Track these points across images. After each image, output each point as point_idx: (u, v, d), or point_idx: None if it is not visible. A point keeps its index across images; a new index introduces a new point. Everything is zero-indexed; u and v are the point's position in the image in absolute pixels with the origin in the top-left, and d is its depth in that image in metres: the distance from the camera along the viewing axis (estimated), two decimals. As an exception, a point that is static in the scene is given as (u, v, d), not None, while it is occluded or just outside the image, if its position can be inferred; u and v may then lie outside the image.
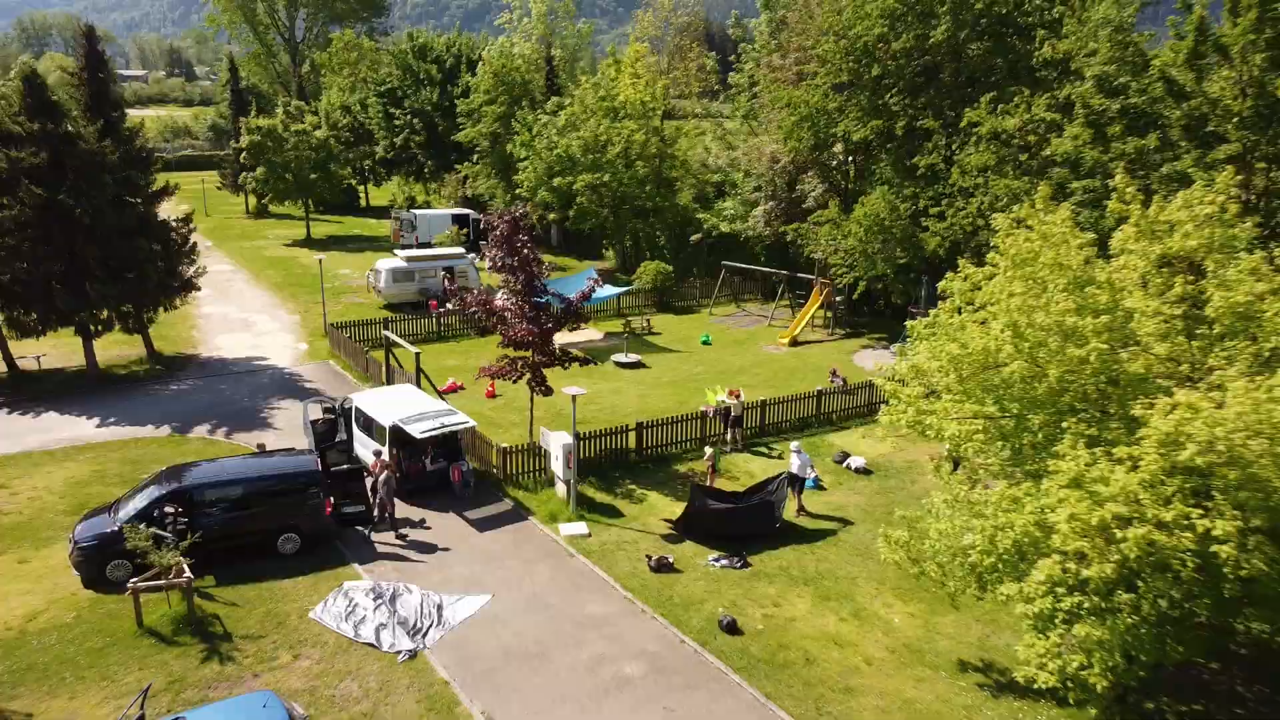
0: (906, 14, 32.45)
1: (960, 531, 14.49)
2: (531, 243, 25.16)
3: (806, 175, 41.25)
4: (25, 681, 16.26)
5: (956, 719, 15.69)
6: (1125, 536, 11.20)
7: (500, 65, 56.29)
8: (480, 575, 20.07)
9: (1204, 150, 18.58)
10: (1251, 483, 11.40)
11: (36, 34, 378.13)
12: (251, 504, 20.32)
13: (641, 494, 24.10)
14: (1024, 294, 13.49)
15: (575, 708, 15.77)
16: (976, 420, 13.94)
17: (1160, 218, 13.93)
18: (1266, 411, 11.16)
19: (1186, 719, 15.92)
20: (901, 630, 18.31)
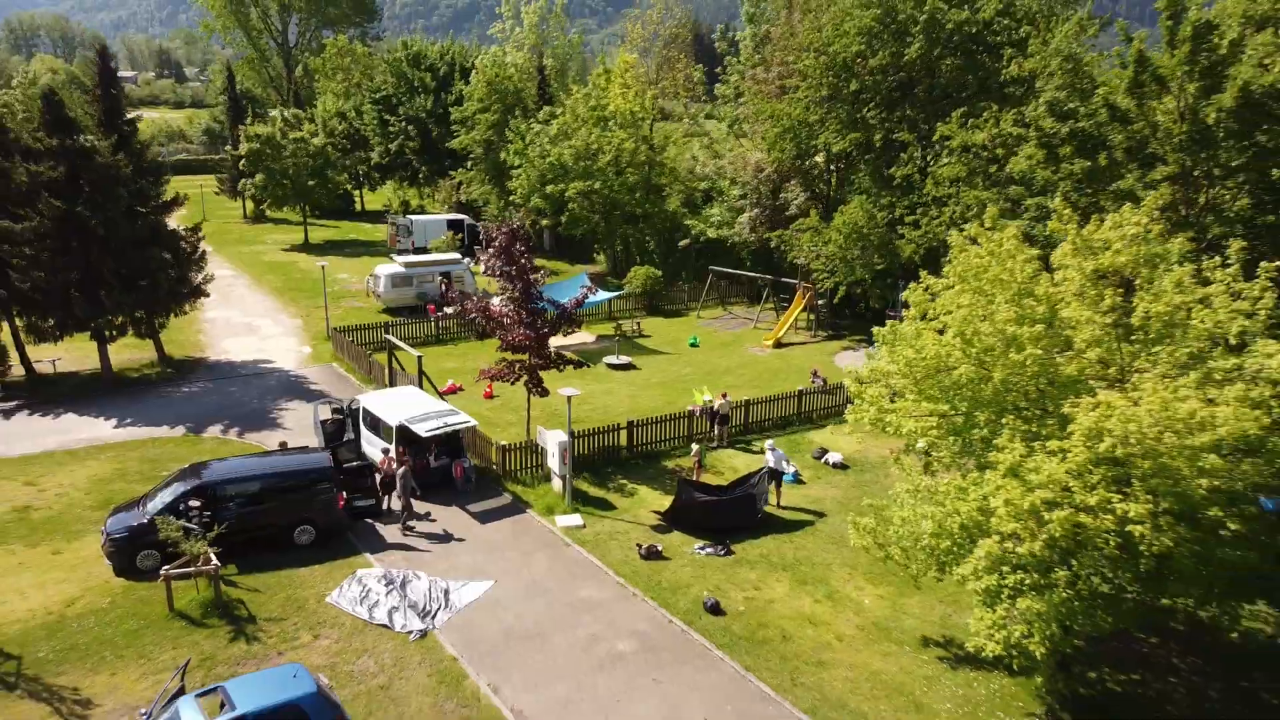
0: (882, 32, 34.20)
1: (919, 519, 16.16)
2: (529, 253, 26.77)
3: (790, 184, 43.00)
4: (69, 660, 17.78)
5: (917, 688, 17.37)
6: (1051, 518, 12.89)
7: (493, 74, 57.83)
8: (483, 563, 21.67)
9: (1145, 170, 20.31)
10: (1162, 471, 13.09)
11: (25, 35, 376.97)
12: (269, 498, 21.86)
13: (632, 488, 25.74)
14: (970, 305, 15.20)
15: (572, 681, 17.38)
16: (930, 418, 15.62)
17: (1094, 237, 15.64)
18: (1174, 409, 12.85)
19: (1125, 686, 17.64)
20: (871, 610, 20.00)
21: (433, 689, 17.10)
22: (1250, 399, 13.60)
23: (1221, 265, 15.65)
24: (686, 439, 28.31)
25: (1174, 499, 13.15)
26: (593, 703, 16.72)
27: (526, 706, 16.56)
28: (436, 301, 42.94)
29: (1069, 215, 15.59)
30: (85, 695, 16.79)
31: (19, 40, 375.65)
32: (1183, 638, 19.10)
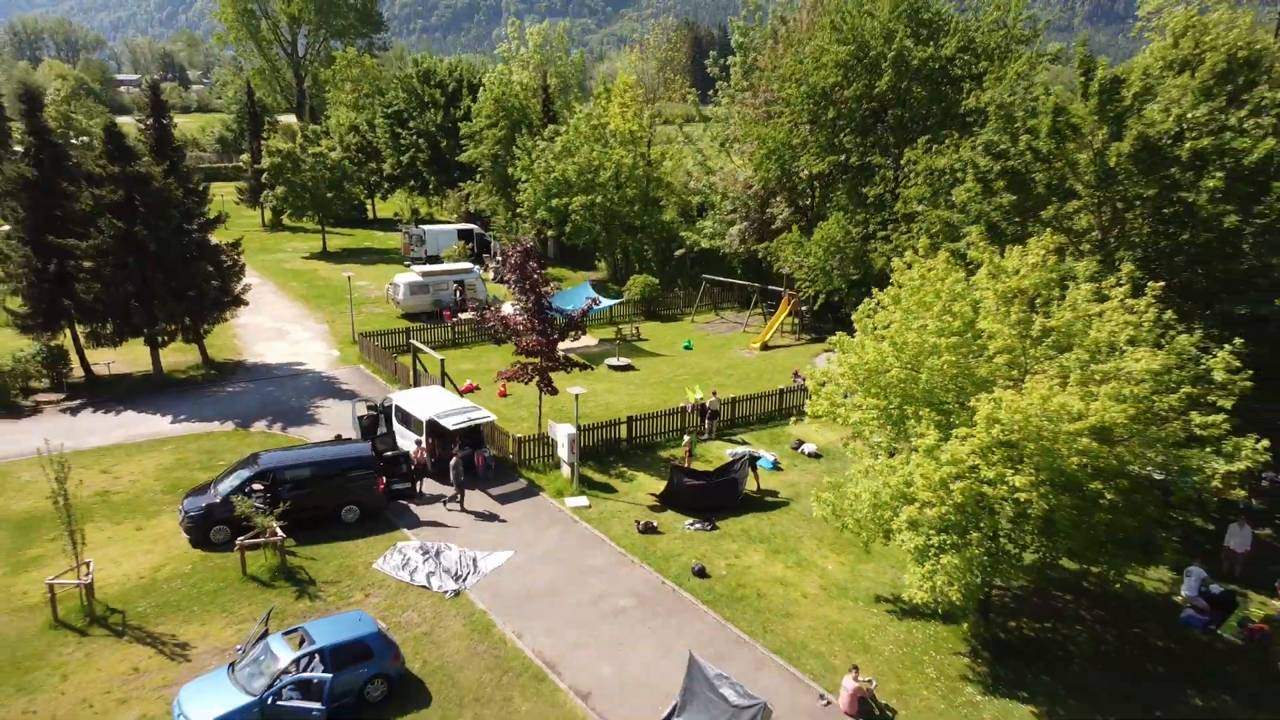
0: (856, 66, 37.85)
1: (864, 493, 19.86)
2: (540, 269, 30.47)
3: (775, 199, 46.69)
4: (164, 614, 21.47)
5: (867, 634, 21.08)
6: (955, 488, 16.58)
7: (500, 92, 61.50)
8: (504, 537, 25.38)
9: (1063, 203, 23.94)
10: (1044, 452, 16.75)
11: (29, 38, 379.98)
12: (321, 482, 25.55)
13: (631, 474, 29.46)
14: (902, 320, 18.89)
15: (582, 629, 21.07)
16: (871, 410, 19.32)
17: (1004, 264, 19.35)
18: (1051, 403, 16.51)
19: (1038, 633, 21.35)
20: (833, 574, 23.72)
21: (467, 635, 20.80)
22: (1120, 395, 17.28)
23: (1117, 284, 19.37)
24: (679, 432, 32.02)
25: (1052, 473, 16.82)
26: (599, 645, 20.42)
27: (545, 648, 20.27)
28: (452, 308, 46.65)
29: (984, 245, 19.30)
30: (182, 640, 20.47)
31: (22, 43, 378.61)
32: (1092, 595, 22.82)
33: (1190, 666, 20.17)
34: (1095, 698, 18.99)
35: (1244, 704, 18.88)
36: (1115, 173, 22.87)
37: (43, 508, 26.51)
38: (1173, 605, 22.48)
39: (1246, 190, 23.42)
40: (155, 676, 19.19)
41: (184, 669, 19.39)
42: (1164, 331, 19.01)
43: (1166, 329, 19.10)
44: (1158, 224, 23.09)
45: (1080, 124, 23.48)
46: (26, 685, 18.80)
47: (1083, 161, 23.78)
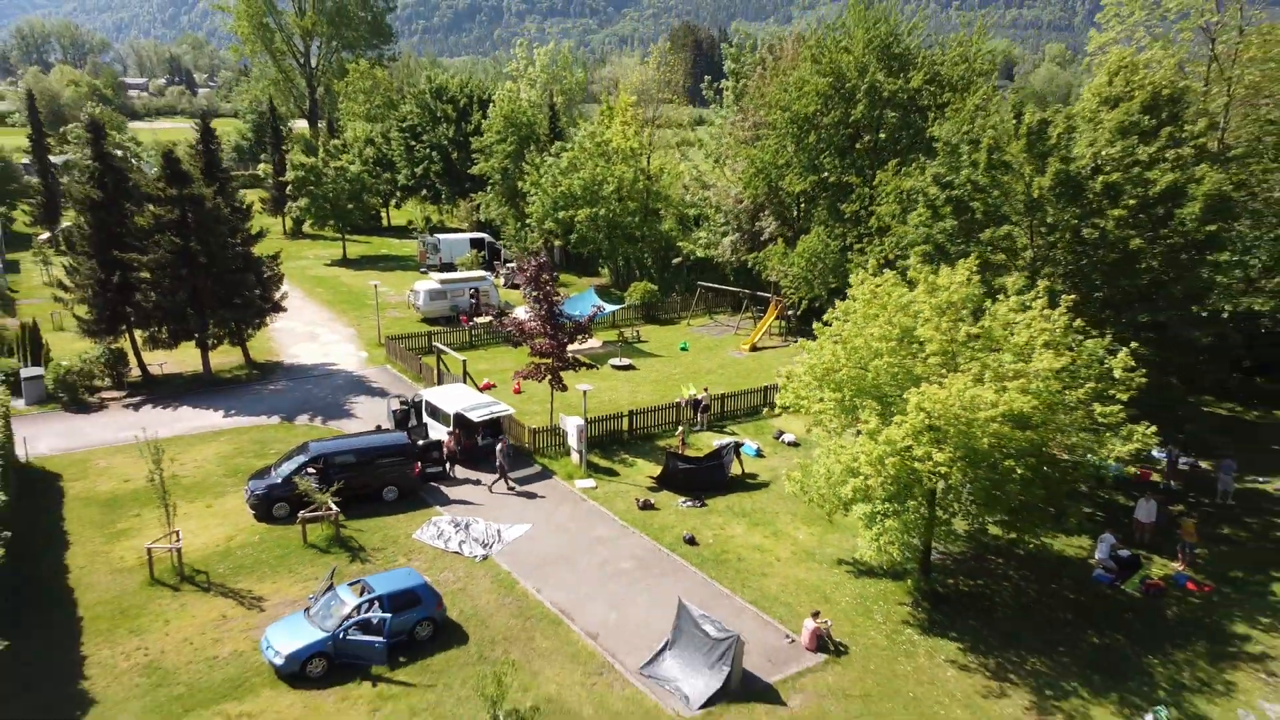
0: (834, 95, 41.97)
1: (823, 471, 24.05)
2: (553, 280, 34.67)
3: (764, 214, 50.85)
4: (240, 574, 25.68)
5: (828, 589, 25.28)
6: (888, 464, 20.76)
7: (509, 109, 65.72)
8: (522, 513, 29.58)
9: (997, 227, 28.07)
10: (960, 434, 20.90)
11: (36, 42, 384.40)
12: (365, 466, 29.79)
13: (632, 460, 33.69)
14: (854, 327, 23.09)
15: (590, 586, 25.26)
16: (828, 401, 23.52)
17: (939, 282, 23.55)
18: (966, 395, 20.66)
19: (970, 588, 25.55)
20: (803, 542, 27.92)
21: (495, 590, 25.01)
22: (1028, 389, 21.43)
23: (1036, 297, 23.58)
24: (674, 424, 36.22)
25: (968, 451, 20.98)
26: (605, 598, 24.61)
27: (560, 600, 24.48)
28: (468, 312, 50.86)
29: (919, 266, 23.51)
30: (258, 594, 24.69)
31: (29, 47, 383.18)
32: (1020, 558, 27.01)
33: (1094, 614, 24.37)
34: (1010, 636, 23.20)
35: (1131, 642, 23.06)
36: (1040, 202, 27.05)
37: (123, 489, 30.85)
38: (1087, 566, 26.69)
39: (1155, 215, 27.62)
40: (240, 622, 23.42)
41: (262, 616, 23.61)
42: (1075, 336, 23.27)
43: (1077, 334, 23.35)
44: (1076, 245, 27.27)
45: (1011, 160, 27.67)
46: (136, 629, 23.02)
47: (1015, 191, 27.96)
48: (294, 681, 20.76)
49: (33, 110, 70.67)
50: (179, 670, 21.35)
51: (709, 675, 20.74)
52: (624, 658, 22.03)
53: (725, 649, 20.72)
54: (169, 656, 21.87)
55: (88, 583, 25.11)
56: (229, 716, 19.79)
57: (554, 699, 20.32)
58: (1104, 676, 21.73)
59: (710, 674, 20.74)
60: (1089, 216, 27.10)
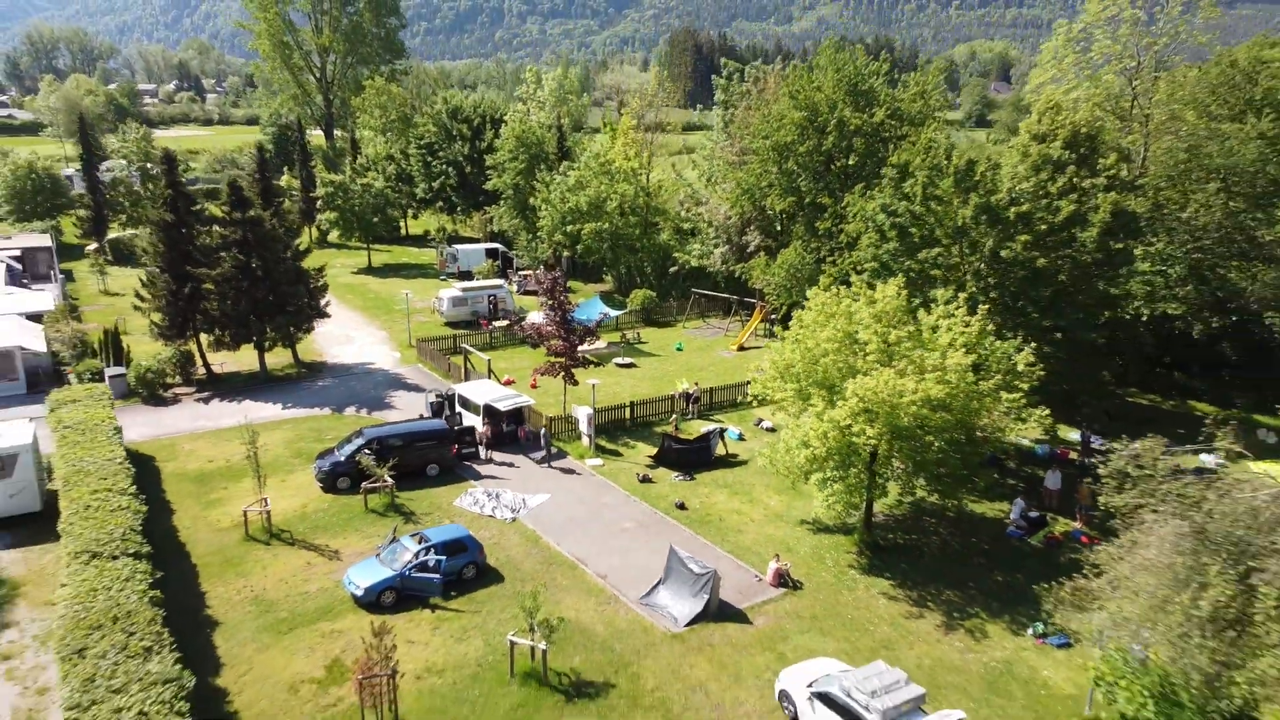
0: (809, 127, 48.06)
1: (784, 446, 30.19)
2: (565, 290, 40.80)
3: (750, 229, 57.02)
4: (316, 532, 31.84)
5: (791, 542, 31.39)
6: (831, 438, 26.88)
7: (520, 130, 71.92)
8: (542, 486, 35.72)
9: (931, 248, 34.16)
10: (887, 414, 26.98)
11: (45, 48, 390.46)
12: (411, 448, 35.92)
13: (633, 443, 39.85)
14: (808, 332, 29.25)
15: (600, 541, 31.36)
16: (788, 390, 29.64)
17: (875, 296, 29.69)
18: (890, 384, 26.74)
19: (905, 541, 31.67)
20: (773, 507, 34.06)
21: (523, 544, 31.16)
22: (941, 380, 27.53)
23: (958, 306, 29.71)
24: (669, 413, 42.35)
25: (892, 428, 27.09)
26: (612, 551, 30.74)
27: (575, 550, 30.61)
28: (487, 317, 57.02)
29: (859, 284, 29.68)
30: (334, 547, 30.84)
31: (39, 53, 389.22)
32: (949, 519, 33.15)
33: (1003, 560, 30.53)
34: (932, 575, 29.36)
35: (1027, 580, 29.10)
36: (965, 229, 33.20)
37: (209, 468, 37.06)
38: (1003, 525, 32.82)
39: (1061, 238, 33.78)
40: (322, 568, 29.59)
41: (338, 563, 29.77)
42: (990, 338, 29.48)
43: (991, 336, 29.56)
44: (995, 263, 33.43)
45: (943, 195, 33.83)
46: (240, 572, 29.20)
47: (945, 219, 34.13)
48: (370, 608, 26.91)
49: (84, 131, 76.84)
50: (280, 601, 27.53)
51: (693, 601, 26.90)
52: (626, 591, 28.20)
53: (705, 582, 26.87)
54: (270, 592, 28.05)
55: (195, 539, 31.32)
56: (324, 632, 25.97)
57: (573, 620, 26.46)
58: (1001, 604, 27.89)
59: (694, 600, 26.90)
60: (1005, 240, 33.25)
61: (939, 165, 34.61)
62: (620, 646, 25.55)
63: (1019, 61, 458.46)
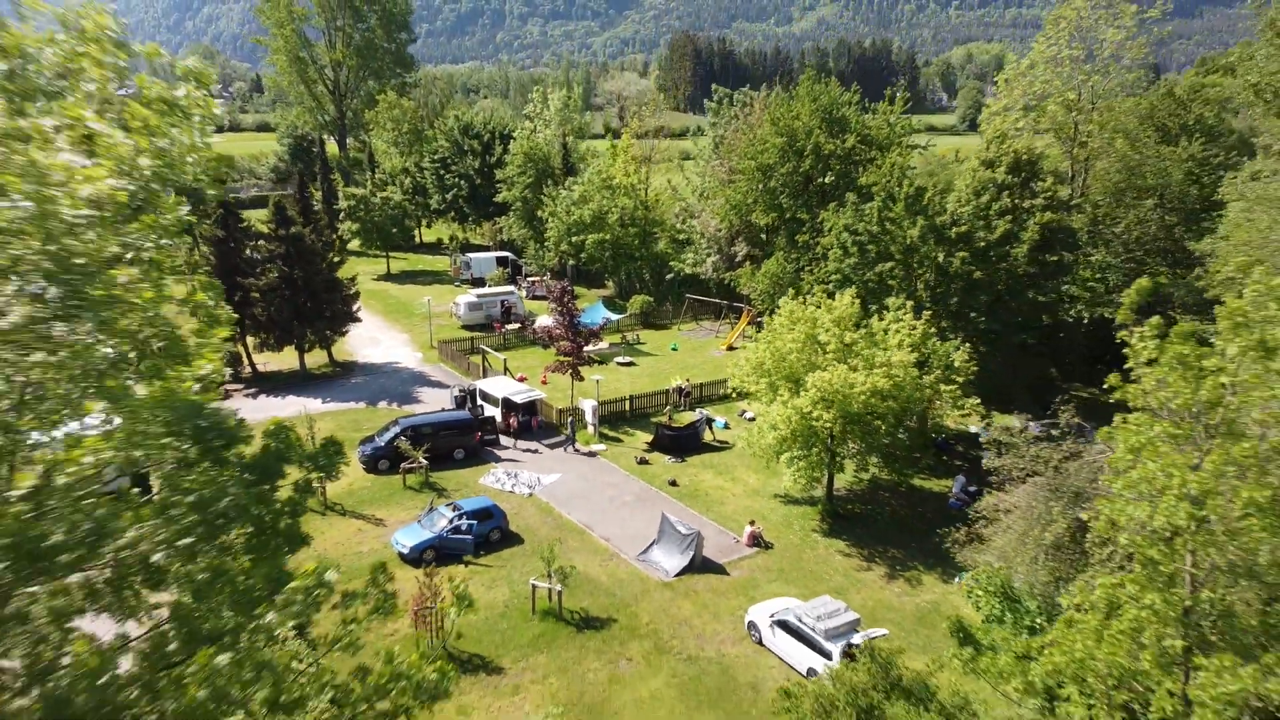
0: (788, 151, 53.87)
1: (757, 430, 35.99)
2: (573, 298, 46.60)
3: (738, 240, 62.85)
4: (363, 505, 37.63)
5: (765, 511, 37.19)
6: (794, 421, 32.67)
7: (528, 147, 77.77)
8: (554, 467, 41.52)
9: (886, 262, 39.95)
10: (840, 402, 32.75)
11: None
12: (441, 435, 41.73)
13: (632, 431, 45.66)
14: (776, 334, 35.06)
15: (603, 511, 37.16)
16: (761, 383, 35.43)
17: (833, 304, 35.50)
18: (843, 378, 32.52)
19: (862, 511, 37.46)
20: (752, 484, 39.86)
21: (539, 514, 36.97)
22: (886, 374, 33.31)
23: (906, 311, 35.51)
24: (664, 405, 48.15)
25: (845, 413, 32.86)
26: (614, 519, 36.54)
27: (583, 519, 36.42)
28: (499, 320, 62.88)
29: (819, 295, 35.50)
30: (379, 517, 36.67)
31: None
32: (901, 493, 38.93)
33: (942, 524, 36.27)
34: (882, 538, 35.16)
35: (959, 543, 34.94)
36: (914, 246, 39.05)
37: (265, 453, 42.81)
38: (946, 497, 38.61)
39: (998, 253, 39.57)
40: (371, 533, 35.42)
41: (384, 529, 35.58)
42: (933, 339, 35.29)
43: (933, 338, 35.36)
44: (939, 275, 39.25)
45: (895, 217, 39.68)
46: (303, 537, 35.02)
47: (898, 238, 39.97)
48: (414, 564, 32.67)
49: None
50: (339, 559, 33.31)
51: (680, 556, 32.72)
52: (626, 550, 34.03)
53: (690, 541, 32.68)
54: (330, 551, 33.84)
55: (262, 511, 37.10)
56: (378, 582, 31.77)
57: (581, 572, 32.26)
58: (936, 560, 33.65)
59: (681, 556, 32.72)
60: (948, 256, 39.07)
61: (892, 192, 40.44)
62: (620, 592, 31.37)
63: (1013, 63, 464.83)
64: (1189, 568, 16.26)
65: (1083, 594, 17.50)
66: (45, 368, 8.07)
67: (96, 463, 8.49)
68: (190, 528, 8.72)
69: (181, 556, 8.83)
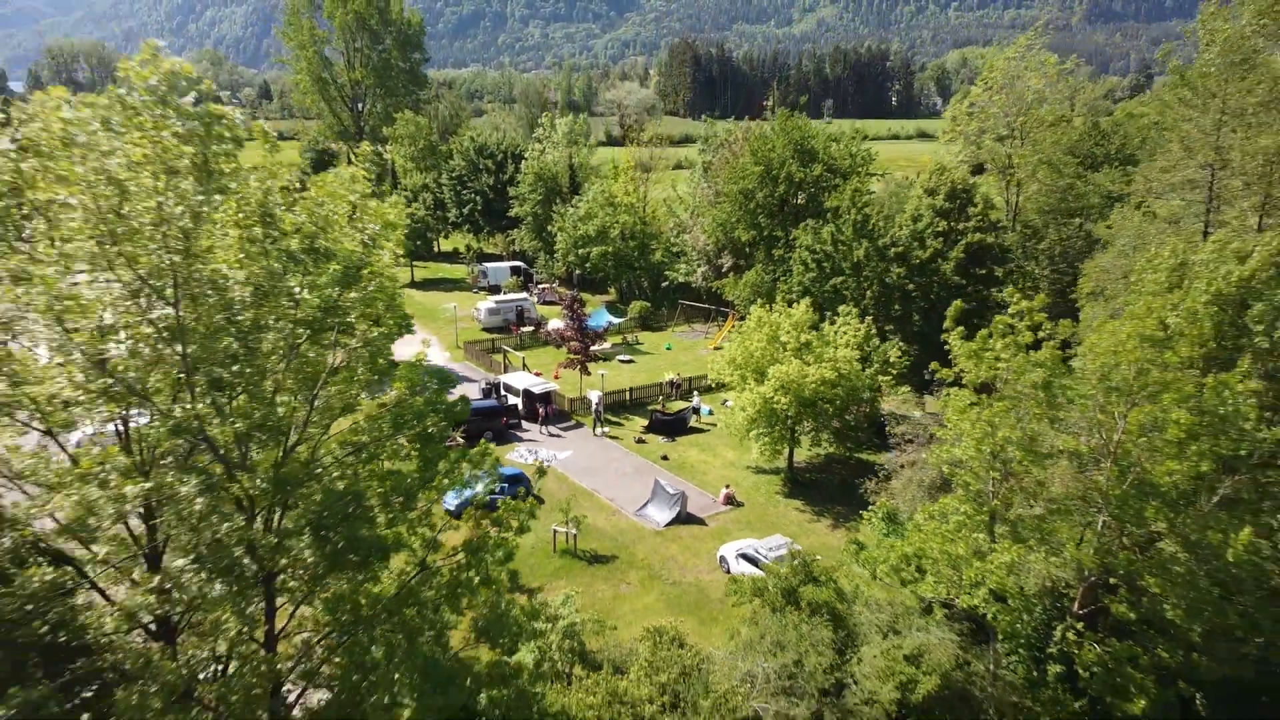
0: (765, 177, 62.69)
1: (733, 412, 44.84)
2: (582, 306, 55.42)
3: (724, 253, 71.71)
4: (413, 476, 46.51)
5: (738, 479, 46.01)
6: (759, 404, 41.48)
7: (538, 167, 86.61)
8: (566, 445, 50.35)
9: (838, 276, 48.68)
10: (795, 390, 41.51)
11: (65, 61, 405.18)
12: (473, 420, 50.52)
13: (631, 417, 54.51)
14: (746, 335, 43.89)
15: (608, 480, 45.95)
16: (735, 374, 44.24)
17: (792, 312, 44.35)
18: (796, 370, 41.27)
19: (818, 479, 46.29)
20: (729, 459, 48.69)
21: (556, 481, 45.78)
22: (833, 368, 42.11)
23: (852, 316, 44.37)
24: (658, 395, 57.00)
25: (799, 398, 41.66)
26: (617, 485, 45.37)
27: (591, 484, 45.25)
28: (515, 323, 71.79)
29: (781, 302, 44.36)
30: (427, 484, 45.52)
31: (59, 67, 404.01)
32: (851, 465, 47.73)
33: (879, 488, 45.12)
34: (831, 499, 44.01)
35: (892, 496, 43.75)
36: (860, 264, 47.89)
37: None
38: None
39: (927, 269, 48.41)
40: (422, 496, 44.26)
41: (433, 494, 44.42)
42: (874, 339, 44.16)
43: (875, 338, 44.24)
44: (881, 287, 48.08)
45: (845, 239, 48.53)
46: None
47: (847, 256, 48.81)
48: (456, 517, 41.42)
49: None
50: (399, 515, 42.19)
51: (669, 511, 41.57)
52: (626, 507, 42.88)
53: (677, 499, 41.54)
54: (391, 510, 42.72)
55: (332, 480, 46.09)
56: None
57: (591, 523, 41.04)
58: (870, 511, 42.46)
59: (669, 510, 41.57)
60: (887, 271, 47.88)
61: (843, 219, 49.29)
62: (621, 538, 40.23)
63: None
64: (989, 488, 25.22)
65: (926, 510, 26.45)
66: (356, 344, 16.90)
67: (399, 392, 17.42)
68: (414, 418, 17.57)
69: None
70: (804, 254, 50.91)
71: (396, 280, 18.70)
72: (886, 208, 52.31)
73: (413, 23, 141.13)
